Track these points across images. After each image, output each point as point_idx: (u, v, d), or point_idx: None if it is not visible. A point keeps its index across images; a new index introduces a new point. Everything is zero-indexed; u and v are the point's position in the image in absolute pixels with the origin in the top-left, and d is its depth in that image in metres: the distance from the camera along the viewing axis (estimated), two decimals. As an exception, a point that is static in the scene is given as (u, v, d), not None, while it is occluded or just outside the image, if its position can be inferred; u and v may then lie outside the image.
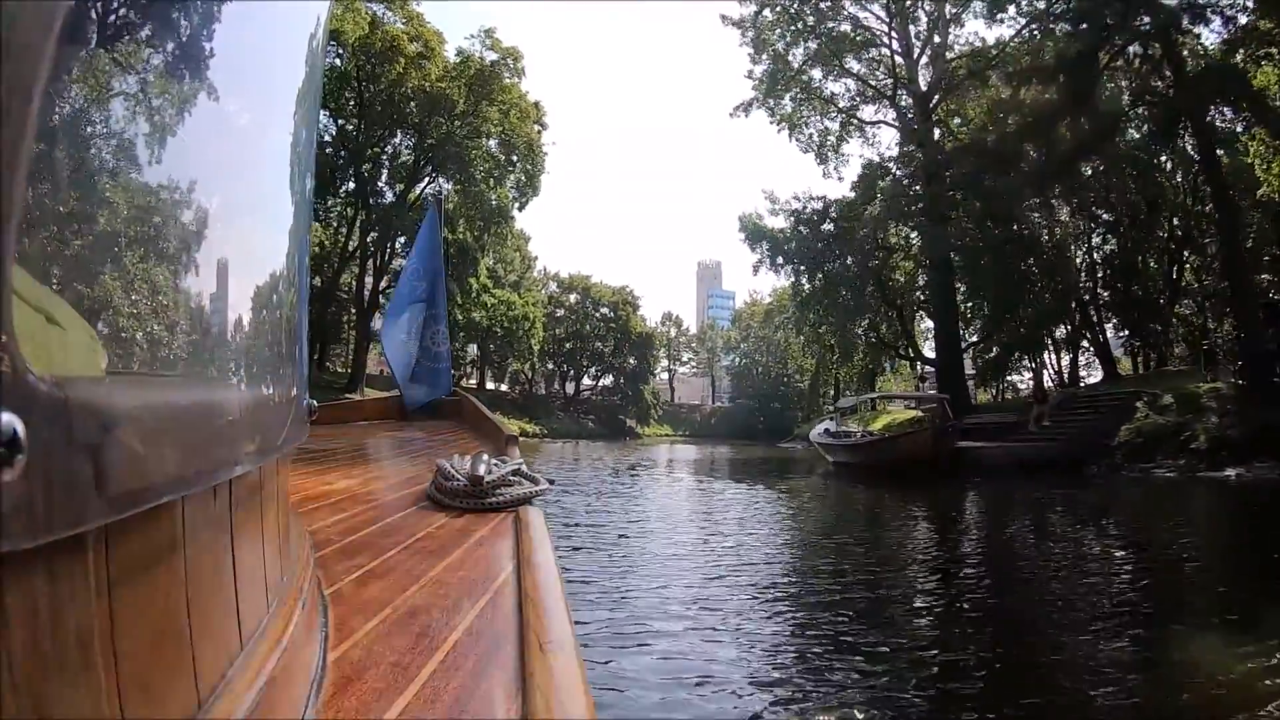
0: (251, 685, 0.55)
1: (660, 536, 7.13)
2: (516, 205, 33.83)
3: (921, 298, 26.56)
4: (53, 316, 0.34)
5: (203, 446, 0.50)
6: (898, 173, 22.67)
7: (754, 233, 25.64)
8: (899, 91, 24.60)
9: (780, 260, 25.21)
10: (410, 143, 31.11)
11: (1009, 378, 31.48)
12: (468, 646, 0.83)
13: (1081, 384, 24.10)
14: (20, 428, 0.28)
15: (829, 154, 28.18)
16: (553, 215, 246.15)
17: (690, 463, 20.47)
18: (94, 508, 0.34)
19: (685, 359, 70.87)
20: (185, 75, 0.50)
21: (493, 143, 30.45)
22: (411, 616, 0.92)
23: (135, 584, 0.42)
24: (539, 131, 30.89)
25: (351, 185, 30.39)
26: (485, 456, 1.78)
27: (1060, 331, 26.08)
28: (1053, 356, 30.32)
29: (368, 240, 31.10)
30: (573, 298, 53.28)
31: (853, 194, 24.57)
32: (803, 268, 25.02)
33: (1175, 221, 23.08)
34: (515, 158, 30.82)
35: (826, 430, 18.03)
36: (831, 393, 46.16)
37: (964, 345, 24.05)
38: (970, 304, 24.44)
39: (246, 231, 0.68)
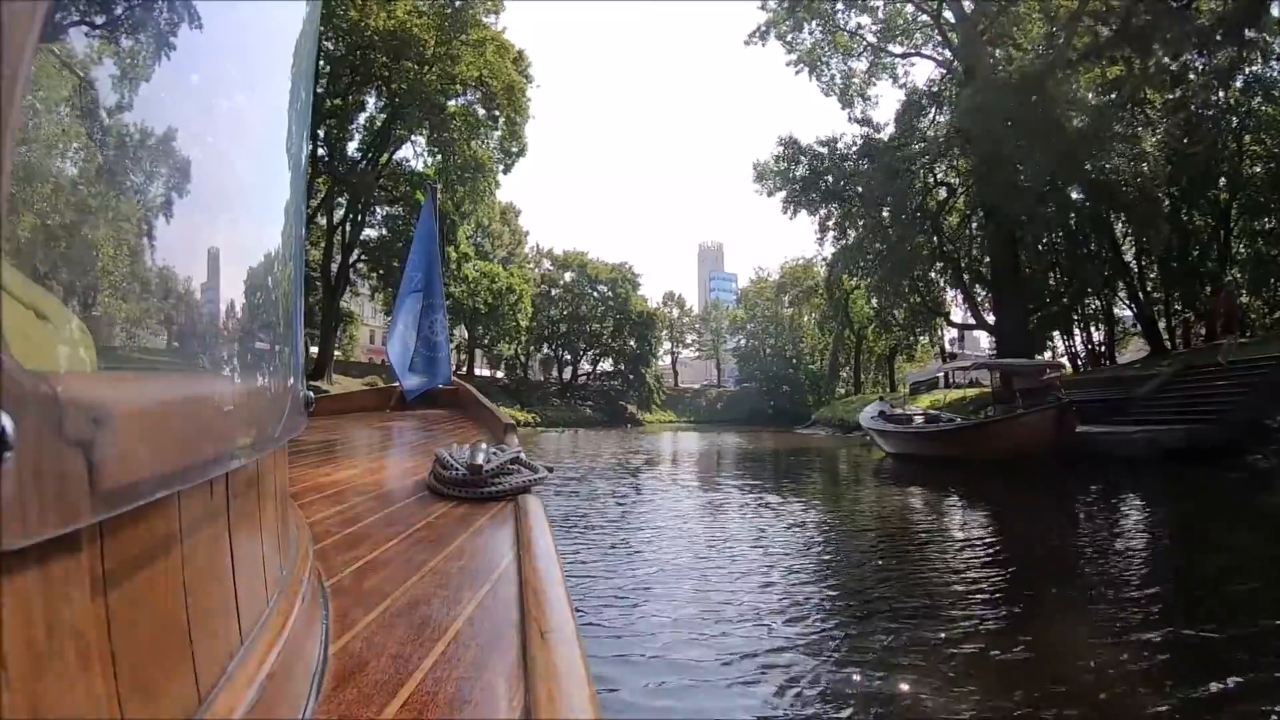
0: (252, 681, 0.54)
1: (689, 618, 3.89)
2: (502, 167, 30.24)
3: (967, 254, 22.70)
4: (41, 311, 0.33)
5: (198, 440, 0.49)
6: (961, 93, 18.70)
7: (780, 171, 21.85)
8: (943, 8, 20.75)
9: (815, 196, 21.38)
10: (381, 104, 27.39)
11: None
12: (469, 636, 0.82)
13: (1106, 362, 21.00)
14: (10, 425, 0.28)
15: (854, 97, 24.58)
16: (547, 196, 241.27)
17: (702, 456, 16.93)
18: (87, 505, 0.34)
19: (689, 341, 67.30)
20: (163, 22, 0.45)
21: (471, 95, 26.71)
22: (412, 607, 0.91)
23: (131, 581, 0.41)
24: (524, 84, 27.03)
25: (309, 148, 26.55)
26: (484, 445, 1.81)
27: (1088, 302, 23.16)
28: (1081, 332, 27.27)
29: (334, 210, 27.48)
30: (568, 276, 49.60)
31: (892, 129, 20.76)
32: (839, 206, 21.13)
33: (1223, 182, 20.50)
34: (497, 111, 26.99)
35: (881, 414, 14.58)
36: (847, 374, 42.87)
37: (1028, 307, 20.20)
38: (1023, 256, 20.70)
39: (240, 209, 0.64)
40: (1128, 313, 26.50)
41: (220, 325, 0.56)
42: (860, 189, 20.24)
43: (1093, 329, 26.78)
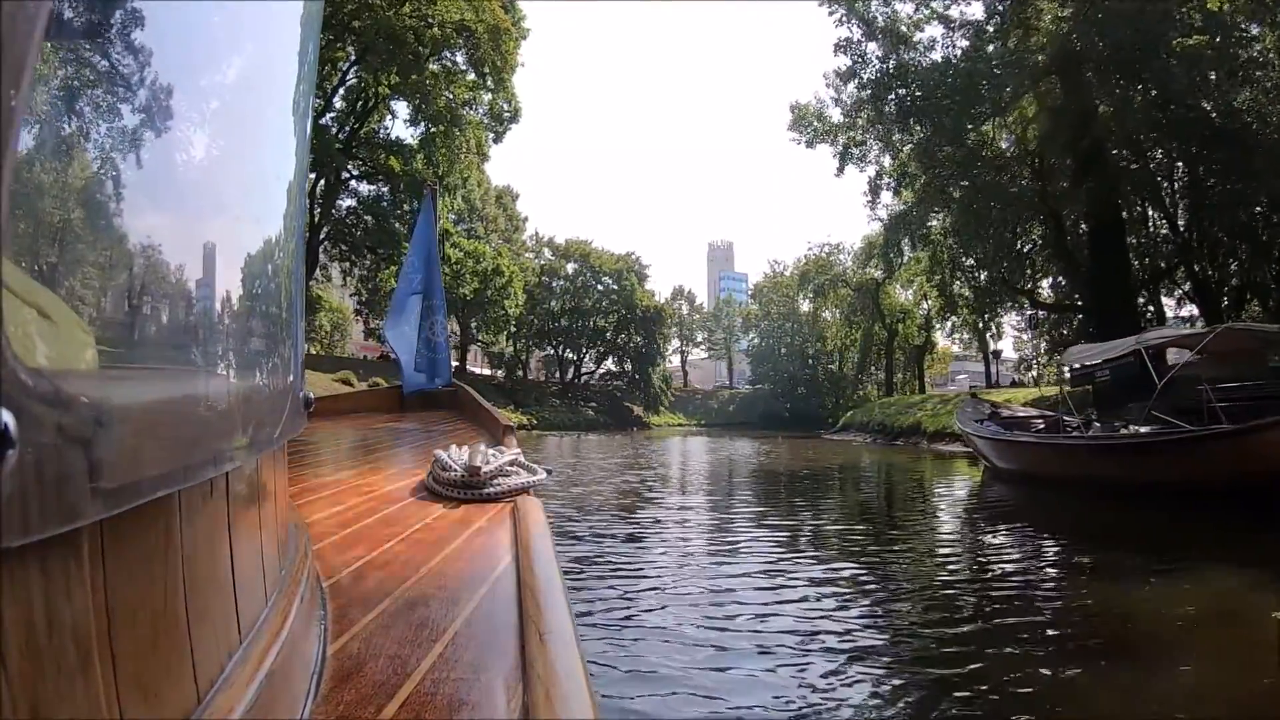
0: (251, 681, 0.55)
1: None
2: (493, 135, 26.80)
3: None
4: (44, 309, 0.33)
5: (198, 439, 0.50)
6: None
7: (849, 77, 17.83)
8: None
9: (886, 114, 17.09)
10: (353, 54, 24.03)
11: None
12: (467, 638, 0.81)
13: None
14: (12, 422, 0.28)
15: (897, 45, 20.89)
16: (549, 190, 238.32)
17: (726, 477, 13.08)
18: (88, 503, 0.34)
19: (699, 340, 63.49)
20: None
21: (452, 46, 23.28)
22: (410, 608, 0.90)
23: (131, 580, 0.41)
24: (512, 31, 23.47)
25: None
26: (482, 447, 1.80)
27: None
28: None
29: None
30: (570, 267, 45.89)
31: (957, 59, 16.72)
32: (908, 136, 16.83)
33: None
34: (485, 70, 23.46)
35: (994, 415, 10.62)
36: (871, 374, 39.02)
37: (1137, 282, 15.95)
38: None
39: (242, 197, 0.62)
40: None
41: (222, 324, 0.55)
42: (937, 112, 15.96)
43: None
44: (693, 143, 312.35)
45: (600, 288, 45.88)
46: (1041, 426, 9.72)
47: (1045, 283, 20.70)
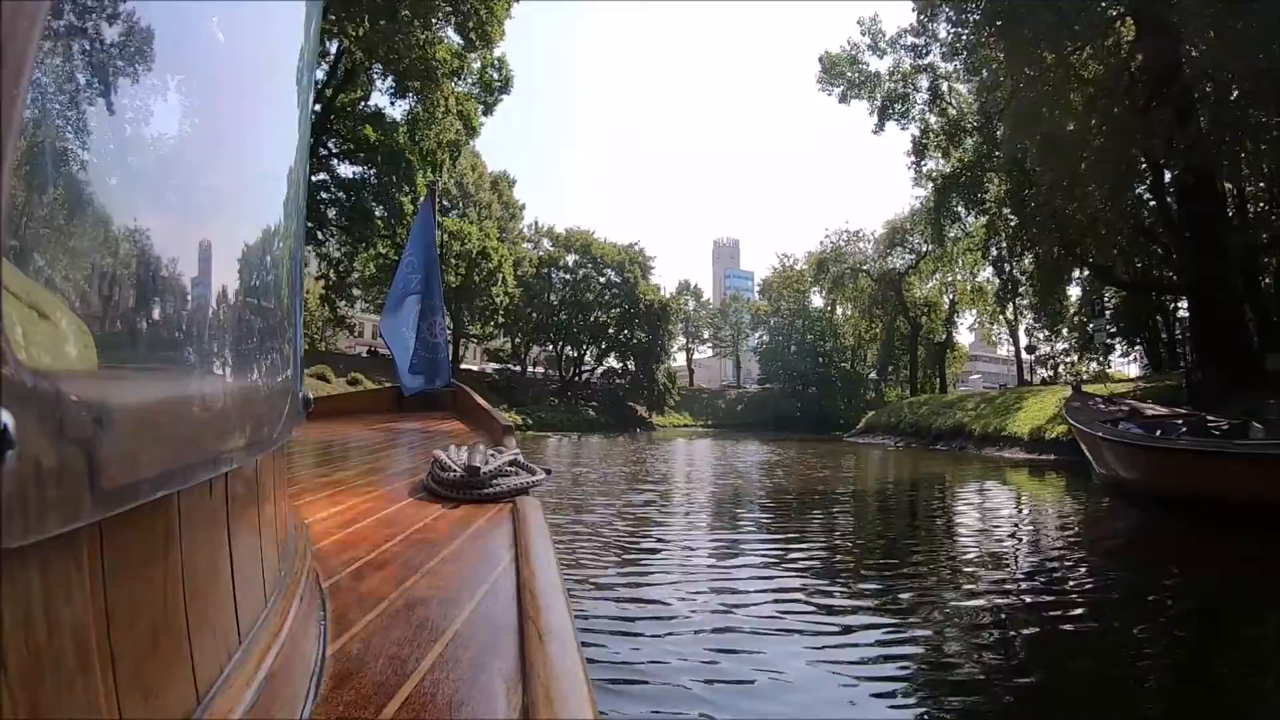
0: (250, 681, 0.55)
1: None
2: (482, 107, 24.51)
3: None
4: (43, 310, 0.33)
5: (197, 440, 0.50)
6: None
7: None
8: None
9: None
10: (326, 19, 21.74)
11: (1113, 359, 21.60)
12: (467, 638, 0.81)
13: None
14: (11, 423, 0.27)
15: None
16: (550, 185, 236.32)
17: (751, 500, 10.61)
18: (87, 503, 0.34)
19: (705, 336, 60.96)
20: None
21: (439, 13, 20.94)
22: (410, 608, 0.91)
23: (131, 581, 0.41)
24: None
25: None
26: (482, 447, 1.84)
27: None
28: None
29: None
30: (570, 258, 43.43)
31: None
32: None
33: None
34: (470, 26, 21.07)
35: (1134, 413, 8.13)
36: (905, 371, 36.44)
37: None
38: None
39: (240, 189, 0.61)
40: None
41: (221, 324, 0.54)
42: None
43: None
44: (696, 138, 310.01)
45: (602, 280, 43.38)
46: (1184, 428, 7.26)
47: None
